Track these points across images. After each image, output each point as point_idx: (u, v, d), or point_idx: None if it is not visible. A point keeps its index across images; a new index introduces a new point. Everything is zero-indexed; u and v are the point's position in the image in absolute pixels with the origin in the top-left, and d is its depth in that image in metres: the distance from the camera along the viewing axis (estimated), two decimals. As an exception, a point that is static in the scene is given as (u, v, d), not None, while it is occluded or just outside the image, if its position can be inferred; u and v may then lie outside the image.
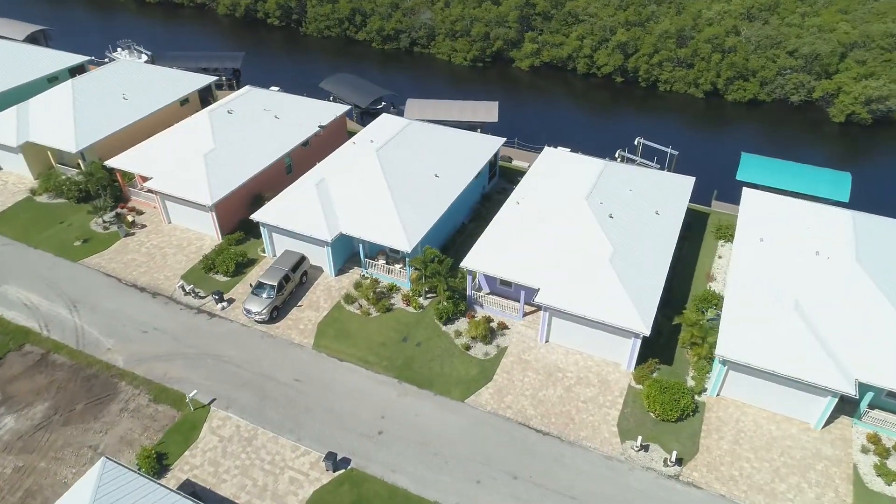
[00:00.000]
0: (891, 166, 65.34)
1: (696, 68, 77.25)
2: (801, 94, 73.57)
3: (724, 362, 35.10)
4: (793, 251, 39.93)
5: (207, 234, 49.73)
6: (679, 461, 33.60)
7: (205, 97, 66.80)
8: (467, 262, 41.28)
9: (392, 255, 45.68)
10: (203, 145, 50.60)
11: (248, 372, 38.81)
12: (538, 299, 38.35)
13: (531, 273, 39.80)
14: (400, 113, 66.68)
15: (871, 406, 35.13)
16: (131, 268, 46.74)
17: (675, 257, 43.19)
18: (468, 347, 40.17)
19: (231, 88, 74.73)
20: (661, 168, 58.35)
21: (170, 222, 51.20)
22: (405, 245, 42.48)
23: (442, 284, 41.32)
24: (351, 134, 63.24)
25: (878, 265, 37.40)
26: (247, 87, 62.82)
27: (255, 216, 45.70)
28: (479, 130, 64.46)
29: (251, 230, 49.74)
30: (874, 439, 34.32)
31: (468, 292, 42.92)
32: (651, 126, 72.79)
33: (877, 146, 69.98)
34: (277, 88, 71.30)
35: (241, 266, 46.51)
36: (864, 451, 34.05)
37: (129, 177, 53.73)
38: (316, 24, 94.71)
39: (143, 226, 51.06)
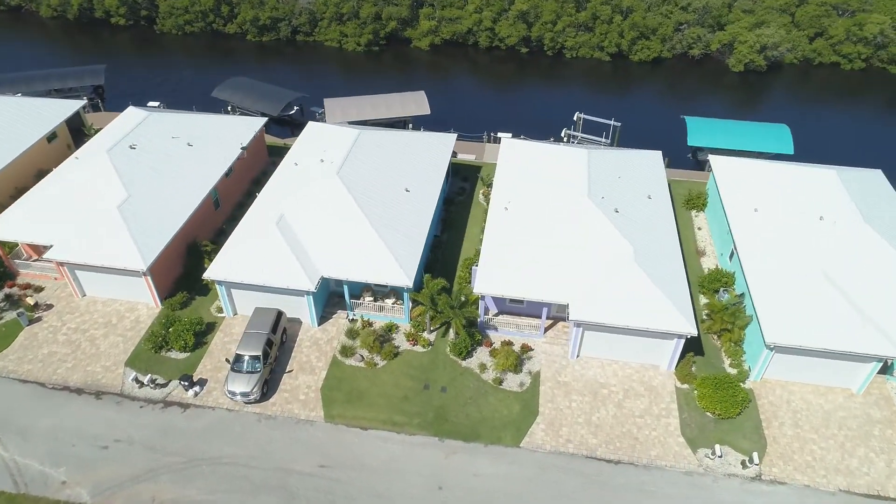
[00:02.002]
0: (791, 109, 69.22)
1: (597, 31, 76.63)
2: (699, 48, 75.67)
3: (772, 347, 34.22)
4: (794, 218, 39.93)
5: (140, 301, 40.60)
6: (752, 457, 32.47)
7: (75, 128, 54.84)
8: (481, 288, 36.84)
9: (379, 290, 40.02)
10: (112, 195, 40.77)
11: (260, 470, 31.98)
12: (572, 316, 35.07)
13: (553, 287, 36.34)
14: (323, 117, 59.42)
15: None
16: (53, 365, 36.92)
17: (669, 238, 41.91)
18: (500, 381, 36.14)
19: (95, 110, 62.44)
20: (609, 142, 57.05)
21: (84, 295, 41.21)
22: (404, 280, 37.08)
23: (459, 319, 36.61)
24: (272, 150, 55.46)
25: (886, 224, 38.34)
26: (129, 109, 52.11)
27: (210, 275, 37.65)
28: (409, 126, 59.25)
29: (192, 286, 41.45)
30: (910, 392, 35.51)
31: (480, 318, 38.64)
32: (566, 95, 71.57)
33: (774, 90, 74.03)
34: (158, 104, 61.00)
35: (200, 335, 38.46)
36: (905, 405, 35.16)
37: (9, 247, 42.48)
38: (173, 20, 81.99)
39: (49, 305, 40.65)
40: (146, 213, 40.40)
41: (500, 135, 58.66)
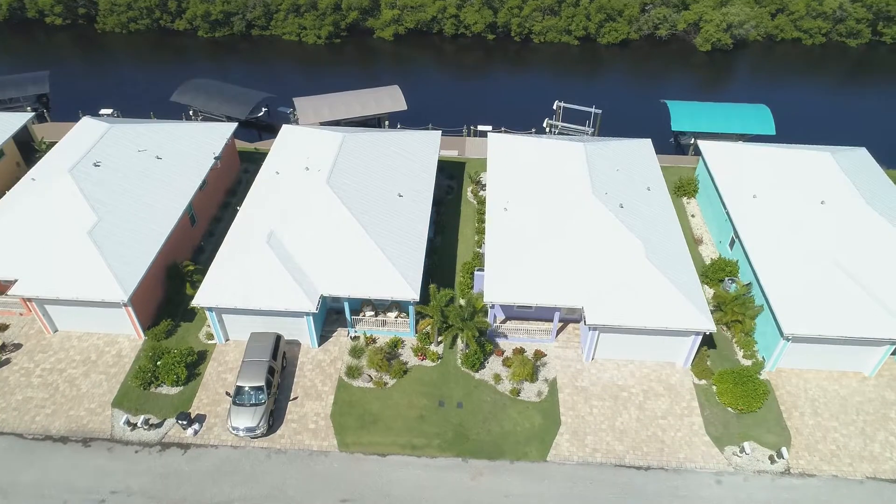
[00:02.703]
0: (761, 87, 69.72)
1: (564, 15, 75.28)
2: (666, 28, 75.29)
3: (789, 338, 33.88)
4: (795, 203, 39.70)
5: (121, 333, 37.46)
6: (781, 452, 32.19)
7: (23, 142, 50.31)
8: (491, 296, 35.24)
9: (380, 304, 38.00)
10: (80, 219, 37.24)
11: (277, 511, 29.89)
12: (589, 321, 33.93)
13: (566, 290, 35.08)
14: (292, 118, 56.41)
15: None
16: (31, 412, 33.64)
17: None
18: (517, 392, 34.82)
19: (40, 121, 57.63)
20: (593, 131, 56.05)
21: (56, 331, 37.77)
22: (410, 293, 35.17)
23: (471, 331, 34.97)
24: (242, 156, 52.26)
25: (887, 206, 38.48)
26: (83, 121, 48.03)
27: (199, 301, 34.82)
28: (385, 124, 56.85)
29: (176, 311, 38.63)
30: (918, 371, 35.93)
31: (489, 318, 37.15)
32: (539, 82, 70.30)
33: (742, 68, 74.47)
34: (111, 112, 56.90)
35: (192, 366, 35.72)
36: (915, 384, 35.54)
37: (-36, 282, 38.50)
38: (115, 18, 76.49)
39: (18, 345, 37.07)
40: (120, 237, 37.11)
41: (480, 128, 57.08)
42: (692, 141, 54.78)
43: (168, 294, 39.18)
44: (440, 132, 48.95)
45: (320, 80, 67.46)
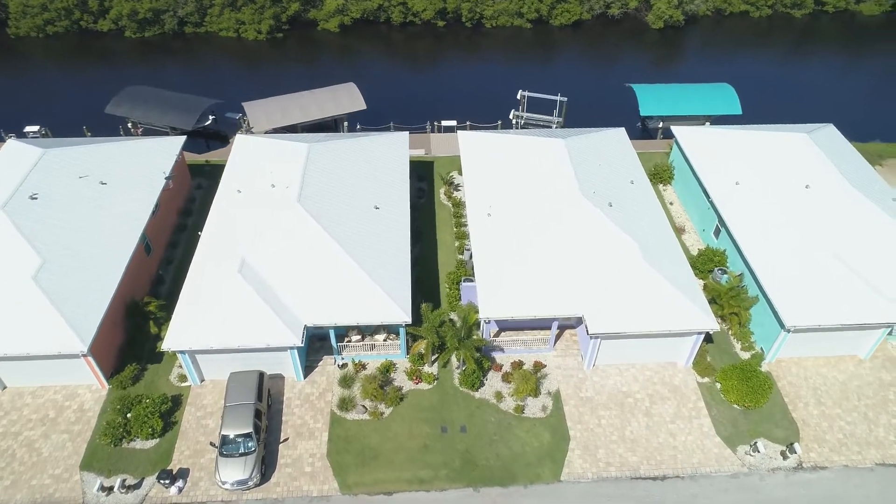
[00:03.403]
0: (719, 63, 69.81)
1: (516, -3, 73.24)
2: (618, 7, 74.28)
3: (790, 329, 33.43)
4: (779, 188, 39.26)
5: (81, 384, 33.85)
6: (793, 447, 31.85)
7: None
8: (486, 311, 33.37)
9: (366, 327, 35.59)
10: (21, 263, 33.08)
11: (282, 570, 27.50)
12: (592, 330, 32.55)
13: (563, 299, 33.56)
14: (242, 124, 52.63)
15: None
16: (-14, 486, 29.94)
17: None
18: (521, 409, 33.26)
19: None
20: (560, 120, 54.51)
21: (5, 388, 33.79)
22: (401, 316, 32.90)
23: (470, 352, 33.05)
24: (194, 169, 48.33)
25: (871, 187, 38.43)
26: (9, 143, 43.03)
27: (170, 345, 31.55)
28: (344, 125, 53.77)
29: (140, 352, 35.34)
30: (910, 349, 36.31)
31: (484, 333, 35.33)
32: (495, 68, 68.23)
33: (694, 45, 74.35)
34: (38, 129, 51.84)
35: (167, 414, 32.55)
36: (908, 362, 35.90)
37: None
38: (30, 21, 69.73)
39: (-39, 409, 33.00)
40: (70, 279, 33.25)
41: (444, 123, 54.72)
42: (660, 125, 54.08)
43: (130, 335, 35.63)
44: (408, 133, 46.31)
45: (266, 80, 63.47)
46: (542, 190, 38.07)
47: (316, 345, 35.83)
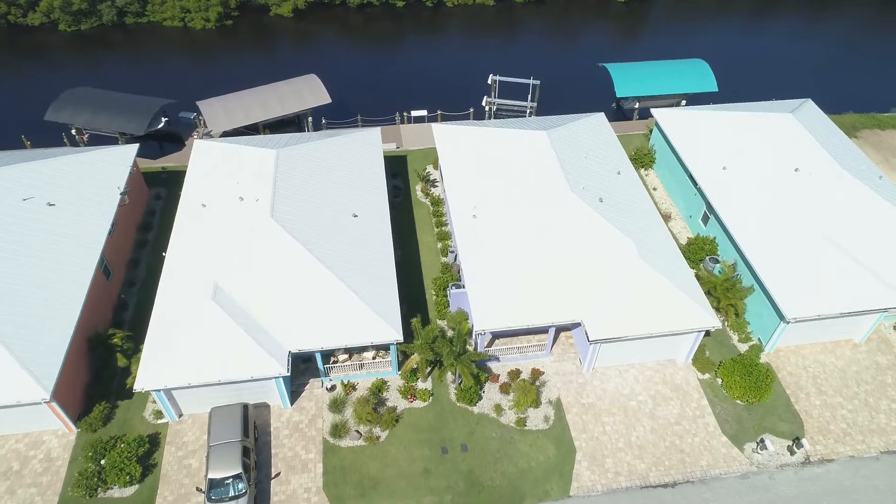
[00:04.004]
0: (679, 35, 68.60)
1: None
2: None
3: (790, 321, 32.72)
4: (768, 173, 38.32)
5: (46, 430, 31.02)
6: (800, 441, 31.40)
7: None
8: (482, 325, 31.65)
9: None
10: (-35, 303, 29.87)
11: None
12: (592, 337, 31.24)
13: (561, 305, 32.12)
14: (197, 123, 49.11)
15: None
16: (-52, 555, 27.18)
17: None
18: (523, 422, 31.90)
19: None
20: (534, 105, 52.56)
21: (-40, 440, 30.75)
22: (392, 334, 30.95)
23: (468, 367, 31.36)
24: (149, 177, 44.87)
25: (860, 168, 37.76)
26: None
27: (143, 385, 28.91)
28: (309, 120, 50.77)
29: (108, 389, 32.67)
30: (903, 330, 36.20)
31: (479, 347, 33.71)
32: (461, 50, 65.57)
33: (659, 16, 72.91)
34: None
35: (145, 457, 30.07)
36: (902, 344, 35.83)
37: None
38: (-51, 17, 63.71)
39: (-89, 468, 29.84)
40: (25, 317, 30.11)
41: (414, 114, 52.18)
42: (636, 105, 52.69)
43: (95, 371, 32.79)
44: (379, 130, 43.72)
45: (219, 73, 59.61)
46: (529, 187, 36.26)
47: (301, 367, 33.66)
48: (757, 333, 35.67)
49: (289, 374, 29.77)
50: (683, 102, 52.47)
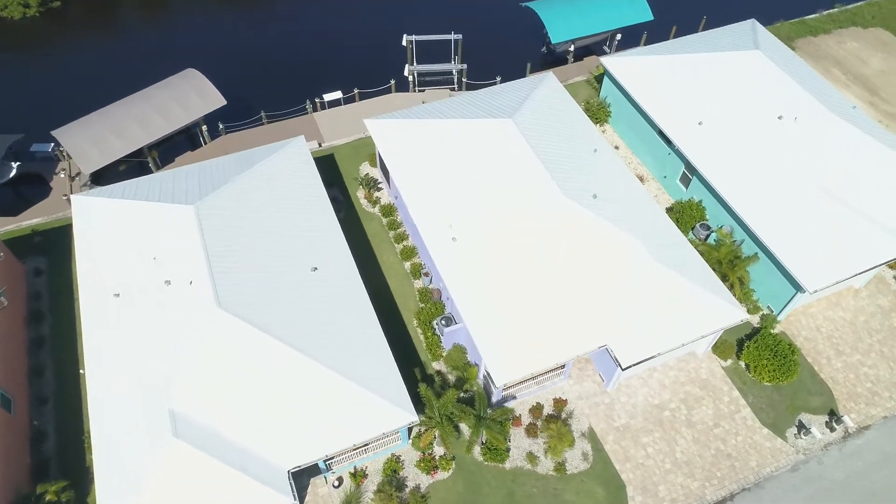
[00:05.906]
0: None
1: None
2: None
3: (811, 292, 30.65)
4: (749, 123, 35.09)
5: None
6: (837, 416, 30.40)
7: None
8: (503, 378, 27.09)
9: (350, 424, 28.13)
10: None
11: None
12: (625, 363, 27.73)
13: (581, 331, 28.17)
14: (58, 157, 38.99)
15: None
16: None
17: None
18: (563, 467, 28.53)
19: None
20: (462, 67, 45.97)
21: None
22: (406, 417, 25.88)
23: (497, 429, 27.05)
24: (17, 246, 35.30)
25: (842, 106, 35.23)
26: None
27: (112, 568, 22.45)
28: (202, 129, 41.71)
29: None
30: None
31: (495, 396, 29.44)
32: (373, 7, 56.32)
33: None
34: None
35: None
36: (903, 286, 35.16)
37: None
38: None
39: None
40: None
41: (327, 98, 44.18)
42: (571, 48, 47.43)
43: (32, 522, 25.64)
44: (302, 138, 35.93)
45: (62, 78, 47.39)
46: (510, 193, 30.91)
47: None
48: (765, 301, 33.78)
49: (296, 500, 24.19)
50: (619, 37, 47.84)
